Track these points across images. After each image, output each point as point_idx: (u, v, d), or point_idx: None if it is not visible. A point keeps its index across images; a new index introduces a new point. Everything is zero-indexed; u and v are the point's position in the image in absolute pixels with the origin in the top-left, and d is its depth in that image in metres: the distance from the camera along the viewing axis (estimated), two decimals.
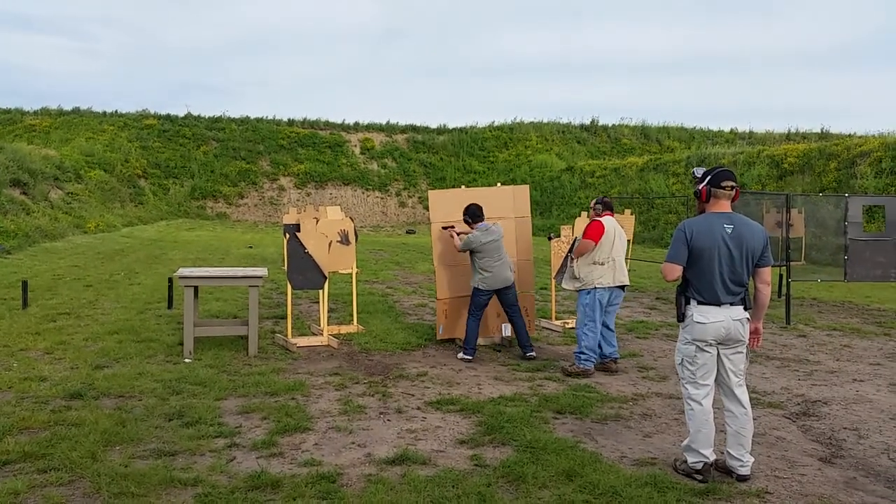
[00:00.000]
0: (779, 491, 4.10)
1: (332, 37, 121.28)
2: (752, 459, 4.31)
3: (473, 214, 7.36)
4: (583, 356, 6.71)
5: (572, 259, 7.01)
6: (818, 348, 8.27)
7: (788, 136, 40.30)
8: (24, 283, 9.49)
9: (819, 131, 40.28)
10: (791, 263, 10.49)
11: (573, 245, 9.10)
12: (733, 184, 4.25)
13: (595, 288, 6.83)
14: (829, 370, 7.17)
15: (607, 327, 6.95)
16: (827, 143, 23.97)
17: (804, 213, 14.25)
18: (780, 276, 12.37)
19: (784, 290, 10.51)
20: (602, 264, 6.85)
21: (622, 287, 7.02)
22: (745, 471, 4.23)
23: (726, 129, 44.18)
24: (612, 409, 5.62)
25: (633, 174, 30.23)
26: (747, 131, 43.54)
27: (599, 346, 6.83)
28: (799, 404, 5.91)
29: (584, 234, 6.93)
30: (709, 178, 4.27)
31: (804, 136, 39.43)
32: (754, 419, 5.41)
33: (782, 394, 6.23)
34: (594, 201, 7.28)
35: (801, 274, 12.67)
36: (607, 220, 7.04)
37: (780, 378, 6.79)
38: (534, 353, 7.32)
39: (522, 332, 7.37)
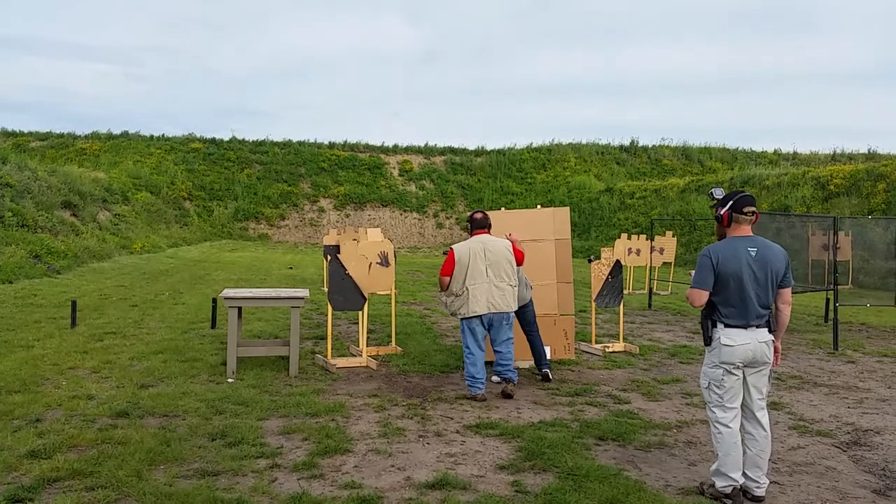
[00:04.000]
0: None
1: (371, 61, 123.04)
2: (768, 482, 4.34)
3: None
4: (467, 382, 6.57)
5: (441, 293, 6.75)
6: (868, 375, 8.02)
7: (834, 157, 39.51)
8: (73, 303, 9.74)
9: (866, 151, 39.45)
10: (838, 287, 10.23)
11: (613, 268, 9.06)
12: (754, 209, 4.33)
13: (460, 318, 6.65)
14: (880, 398, 6.94)
15: (498, 350, 6.68)
16: (875, 164, 23.43)
17: (851, 235, 13.91)
18: (827, 300, 12.07)
19: (831, 314, 10.25)
20: (458, 295, 6.58)
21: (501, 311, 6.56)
22: (760, 492, 4.27)
23: (770, 149, 43.57)
24: (655, 436, 5.52)
25: (674, 195, 29.89)
26: (791, 152, 42.86)
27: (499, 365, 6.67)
28: (849, 433, 5.73)
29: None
30: (731, 203, 4.34)
31: (850, 157, 38.63)
32: (802, 448, 5.30)
33: (831, 422, 6.06)
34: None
35: (848, 298, 12.34)
36: (463, 246, 6.61)
37: (828, 405, 6.61)
38: (548, 371, 7.25)
39: (539, 349, 7.32)
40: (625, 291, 15.51)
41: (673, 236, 17.80)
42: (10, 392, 6.14)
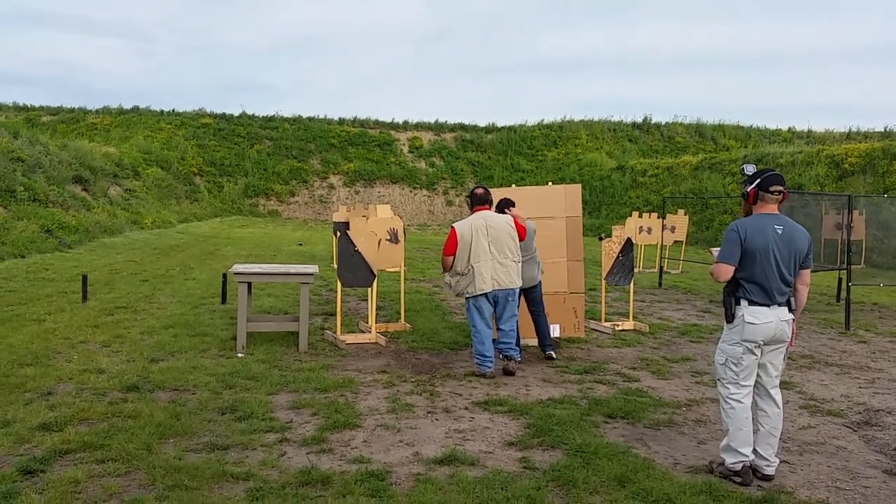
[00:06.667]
0: (840, 503, 3.95)
1: (382, 37, 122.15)
2: (778, 461, 4.34)
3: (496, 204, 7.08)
4: (476, 360, 6.57)
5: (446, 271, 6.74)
6: (880, 355, 7.97)
7: (849, 135, 39.00)
8: (84, 277, 9.78)
9: (882, 130, 38.89)
10: (851, 267, 10.13)
11: (624, 246, 9.00)
12: (781, 188, 4.28)
13: (466, 297, 6.61)
14: (892, 378, 6.89)
15: (501, 328, 6.65)
16: (891, 143, 23.11)
17: (865, 214, 13.75)
18: (840, 279, 11.97)
19: (844, 294, 10.17)
20: (464, 274, 6.52)
21: (509, 288, 6.52)
22: (770, 470, 4.27)
23: (784, 127, 43.07)
24: (664, 414, 5.51)
25: (687, 173, 29.64)
26: (806, 130, 42.32)
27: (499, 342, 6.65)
28: (860, 413, 5.70)
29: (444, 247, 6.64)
30: (758, 181, 4.30)
31: (866, 136, 38.11)
32: (813, 427, 5.28)
33: (842, 402, 6.02)
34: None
35: (861, 278, 12.23)
36: (465, 224, 6.55)
37: (839, 385, 6.57)
38: (553, 353, 7.21)
39: (543, 330, 7.26)
40: (635, 270, 15.45)
41: (685, 215, 17.67)
42: (22, 365, 6.19)
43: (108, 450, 4.31)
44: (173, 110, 40.06)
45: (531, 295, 7.27)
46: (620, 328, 8.95)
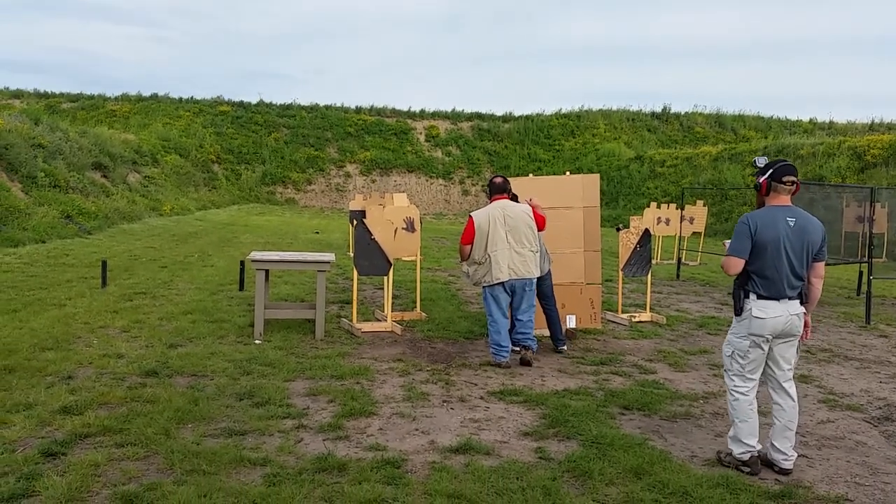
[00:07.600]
0: (860, 499, 3.92)
1: (399, 25, 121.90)
2: (796, 455, 4.28)
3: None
4: (492, 350, 6.55)
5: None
6: None
7: (872, 127, 38.43)
8: (104, 263, 9.87)
9: None
10: (872, 260, 10.00)
11: (642, 237, 8.94)
12: (794, 179, 4.23)
13: (483, 286, 6.60)
14: None
15: (518, 318, 6.62)
16: None
17: (887, 207, 13.56)
18: (861, 273, 11.84)
19: (864, 287, 10.05)
20: (481, 263, 6.52)
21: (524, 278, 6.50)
22: (788, 465, 4.24)
23: (805, 118, 42.54)
24: (681, 406, 5.48)
25: (707, 164, 29.38)
26: (827, 121, 41.78)
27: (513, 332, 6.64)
28: (881, 408, 5.64)
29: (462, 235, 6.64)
30: (770, 171, 4.25)
31: (889, 127, 37.56)
32: (832, 422, 5.23)
33: (862, 396, 5.96)
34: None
35: (882, 271, 12.08)
36: (482, 213, 6.55)
37: (859, 380, 6.50)
38: (565, 348, 7.15)
39: (555, 324, 7.19)
40: (653, 261, 15.33)
41: (704, 206, 17.52)
42: (43, 349, 6.26)
43: (127, 434, 4.36)
44: (191, 98, 40.28)
45: (540, 288, 7.19)
46: (637, 320, 8.91)
